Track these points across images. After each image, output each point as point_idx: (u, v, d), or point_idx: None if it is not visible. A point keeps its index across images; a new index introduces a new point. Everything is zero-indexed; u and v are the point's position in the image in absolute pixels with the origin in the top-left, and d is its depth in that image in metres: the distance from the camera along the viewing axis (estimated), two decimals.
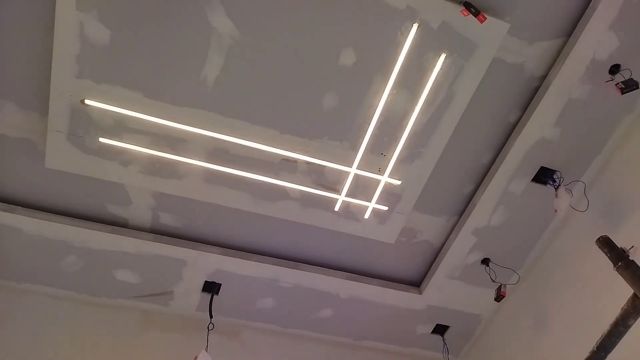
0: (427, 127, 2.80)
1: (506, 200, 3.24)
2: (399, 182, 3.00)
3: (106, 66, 2.51)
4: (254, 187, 3.03)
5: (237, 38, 2.46)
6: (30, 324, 3.18)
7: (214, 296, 3.51)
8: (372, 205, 3.09)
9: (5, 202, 3.06)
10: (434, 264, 3.60)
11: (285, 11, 2.47)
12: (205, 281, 3.46)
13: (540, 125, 2.96)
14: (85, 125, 2.71)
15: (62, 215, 3.15)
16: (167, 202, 3.17)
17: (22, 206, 3.09)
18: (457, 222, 3.42)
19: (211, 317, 3.28)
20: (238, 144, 2.83)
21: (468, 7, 2.43)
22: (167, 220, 3.26)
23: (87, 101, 2.62)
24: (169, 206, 3.20)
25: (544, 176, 3.14)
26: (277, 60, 2.57)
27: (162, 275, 3.40)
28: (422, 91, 2.64)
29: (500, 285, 3.41)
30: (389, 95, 2.63)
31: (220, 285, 3.49)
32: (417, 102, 2.68)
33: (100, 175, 2.92)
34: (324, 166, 2.94)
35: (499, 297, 3.39)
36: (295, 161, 2.92)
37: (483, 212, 3.27)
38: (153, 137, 2.78)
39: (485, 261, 3.52)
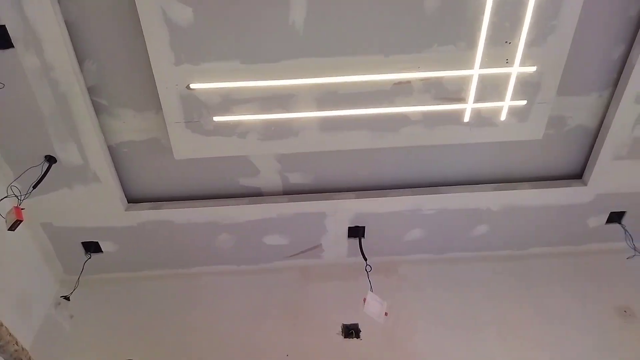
0: None
1: None
2: (534, 69, 2.59)
3: (198, 45, 2.46)
4: (372, 122, 2.85)
5: None
6: (210, 300, 3.47)
7: (362, 239, 3.49)
8: (507, 103, 2.73)
9: (151, 201, 3.29)
10: (594, 149, 3.15)
11: None
12: (349, 227, 3.45)
13: None
14: (197, 109, 2.74)
15: (203, 199, 3.31)
16: (292, 161, 3.16)
17: (166, 200, 3.30)
18: (612, 95, 2.90)
19: (365, 259, 3.26)
20: (345, 82, 2.65)
21: None
22: (296, 179, 3.26)
23: (192, 85, 2.63)
24: (294, 165, 3.19)
25: None
26: None
27: (308, 231, 3.46)
28: None
29: None
30: None
31: (364, 227, 3.47)
32: None
33: (225, 153, 2.97)
34: (442, 77, 2.64)
35: None
36: (408, 82, 2.66)
37: None
38: (261, 102, 2.72)
39: None
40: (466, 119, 2.82)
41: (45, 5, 2.29)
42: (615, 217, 3.49)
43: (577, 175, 3.33)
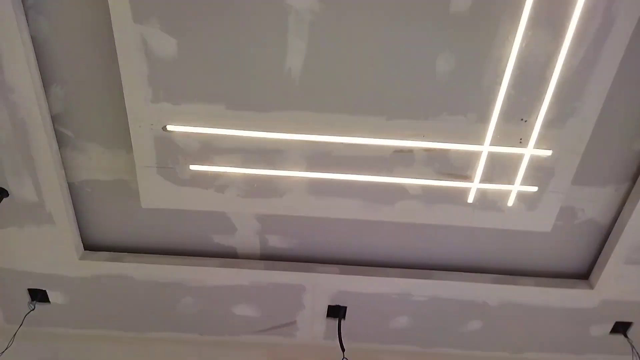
0: (580, 71, 2.11)
1: None
2: (549, 153, 2.34)
3: (180, 82, 2.21)
4: (366, 190, 2.56)
5: (318, 10, 2.01)
6: None
7: (342, 321, 3.10)
8: (516, 188, 2.46)
9: (110, 250, 2.93)
10: (605, 249, 2.86)
11: None
12: (329, 306, 3.08)
13: None
14: (173, 155, 2.45)
15: (169, 254, 2.96)
16: (273, 223, 2.84)
17: (128, 251, 2.94)
18: (630, 189, 2.65)
19: (343, 349, 2.86)
20: (340, 142, 2.39)
21: None
22: (276, 242, 2.94)
23: (169, 127, 2.35)
24: (275, 227, 2.87)
25: None
26: (370, 26, 2.07)
27: (282, 304, 3.09)
28: (568, 24, 1.98)
29: None
30: (522, 39, 2.01)
31: (345, 308, 3.10)
32: (562, 41, 2.02)
33: (199, 207, 2.66)
34: (448, 150, 2.39)
35: None
36: (410, 150, 2.41)
37: None
38: (245, 154, 2.44)
39: None
40: (470, 199, 2.54)
41: (8, 18, 2.04)
42: (620, 328, 3.14)
43: (583, 274, 3.02)
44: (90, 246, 2.94)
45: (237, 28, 2.07)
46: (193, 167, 2.50)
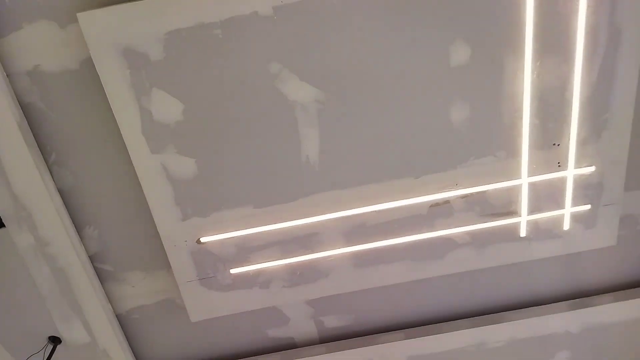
0: (600, 84, 2.02)
1: None
2: (592, 169, 2.22)
3: (205, 196, 2.21)
4: (411, 250, 2.46)
5: (323, 98, 2.00)
6: None
7: None
8: (568, 210, 2.32)
9: None
10: None
11: (362, 37, 1.96)
12: None
13: None
14: (212, 264, 2.42)
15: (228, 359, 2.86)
16: (324, 303, 2.73)
17: None
18: None
19: None
20: (373, 211, 2.31)
21: None
22: (333, 322, 2.81)
23: (202, 239, 2.33)
24: (327, 308, 2.76)
25: None
26: (377, 97, 2.05)
27: None
28: (574, 44, 1.91)
29: None
30: (532, 70, 1.94)
31: None
32: (573, 62, 1.94)
33: (248, 307, 2.58)
34: (485, 191, 2.28)
35: None
36: (447, 201, 2.31)
37: None
38: (282, 245, 2.39)
39: None
40: (522, 233, 2.40)
41: (34, 178, 2.10)
42: None
43: None
44: None
45: (249, 131, 2.07)
46: (233, 271, 2.45)
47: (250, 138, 2.09)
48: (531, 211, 2.32)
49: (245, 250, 2.39)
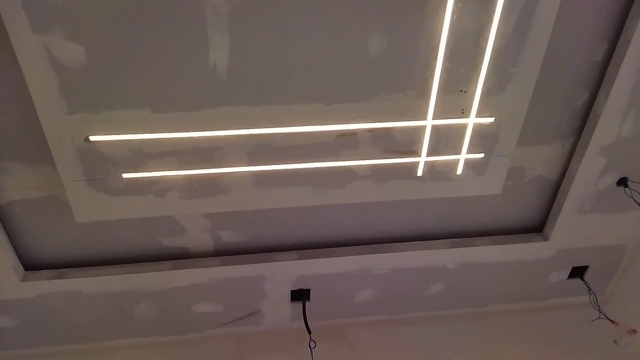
0: (513, 37, 2.05)
1: (639, 100, 2.44)
2: (491, 120, 2.31)
3: (95, 90, 2.01)
4: (313, 177, 2.48)
5: (236, 0, 1.84)
6: None
7: (306, 303, 3.08)
8: (463, 157, 2.43)
9: (54, 268, 2.75)
10: (556, 202, 2.90)
11: None
12: (292, 290, 3.03)
13: None
14: (102, 165, 2.27)
15: (117, 264, 2.80)
16: (223, 218, 2.73)
17: (72, 267, 2.78)
18: (576, 144, 2.68)
19: (310, 332, 2.84)
20: (280, 133, 2.27)
21: None
22: (230, 237, 2.83)
23: (91, 137, 2.16)
24: (226, 223, 2.76)
25: None
26: (294, 11, 1.92)
27: (244, 296, 3.03)
28: None
29: None
30: (453, 11, 1.91)
31: (309, 290, 3.07)
32: (493, 9, 1.93)
33: (140, 214, 2.50)
34: (391, 128, 2.31)
35: None
36: (354, 133, 2.31)
37: (609, 123, 2.49)
38: (181, 155, 2.29)
39: (623, 181, 2.77)
40: (419, 172, 2.50)
41: None
42: (578, 272, 3.27)
43: (537, 228, 3.08)
44: (31, 266, 2.75)
45: (150, 25, 1.87)
46: (126, 176, 2.33)
47: (152, 31, 1.89)
48: (430, 153, 2.40)
49: (141, 155, 2.26)
